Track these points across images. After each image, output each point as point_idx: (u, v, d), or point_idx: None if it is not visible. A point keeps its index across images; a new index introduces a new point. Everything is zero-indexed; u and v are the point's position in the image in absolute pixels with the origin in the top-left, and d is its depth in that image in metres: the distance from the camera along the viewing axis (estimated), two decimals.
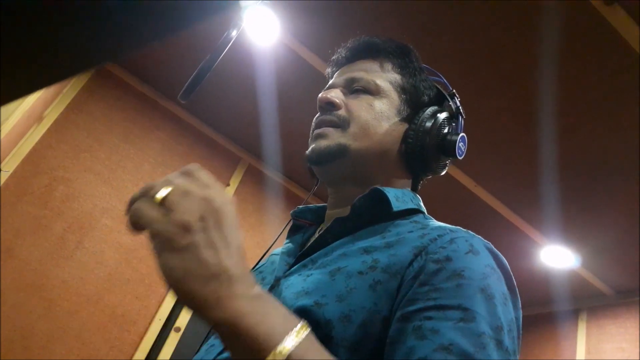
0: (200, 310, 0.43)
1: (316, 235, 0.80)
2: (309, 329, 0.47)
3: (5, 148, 2.21)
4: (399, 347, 0.52)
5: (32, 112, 2.20)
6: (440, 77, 0.87)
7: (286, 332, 0.44)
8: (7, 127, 1.94)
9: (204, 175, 0.48)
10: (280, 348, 0.43)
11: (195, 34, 2.30)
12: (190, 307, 0.44)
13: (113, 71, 2.80)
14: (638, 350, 2.68)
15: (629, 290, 2.93)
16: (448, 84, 0.86)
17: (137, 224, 0.45)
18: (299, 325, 0.46)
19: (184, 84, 0.57)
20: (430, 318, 0.53)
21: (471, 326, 0.52)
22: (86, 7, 0.21)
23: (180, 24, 0.23)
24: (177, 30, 0.23)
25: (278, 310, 0.47)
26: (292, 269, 0.70)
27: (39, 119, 2.51)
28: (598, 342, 2.91)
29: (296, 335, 0.45)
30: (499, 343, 0.53)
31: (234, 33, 0.52)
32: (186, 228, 0.43)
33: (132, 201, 0.46)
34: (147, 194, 0.46)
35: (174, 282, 0.43)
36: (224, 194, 0.48)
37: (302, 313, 0.57)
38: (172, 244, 0.43)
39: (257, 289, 0.46)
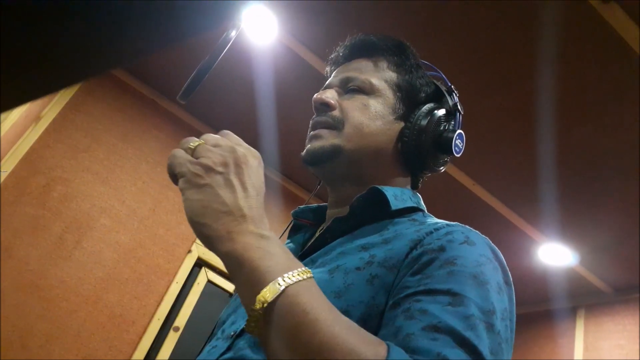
0: (213, 242, 0.48)
1: (317, 235, 0.80)
2: (309, 274, 0.49)
3: (3, 148, 2.21)
4: (387, 329, 0.53)
5: (30, 111, 2.19)
6: (438, 72, 0.86)
7: (285, 271, 0.47)
8: (5, 126, 1.94)
9: (236, 137, 0.56)
10: (276, 282, 0.46)
11: None
12: (204, 239, 0.49)
13: (111, 71, 2.79)
14: (636, 347, 2.69)
15: (627, 288, 2.94)
16: (446, 79, 0.86)
17: (170, 171, 0.52)
18: (300, 269, 0.49)
19: (183, 84, 0.57)
20: (419, 300, 0.53)
21: (460, 309, 0.52)
22: (90, 12, 0.21)
23: (186, 32, 0.23)
24: (182, 38, 0.23)
25: (284, 253, 0.50)
26: None
27: (37, 118, 2.50)
28: (596, 340, 2.92)
29: (294, 275, 0.47)
30: (490, 326, 0.52)
31: (233, 33, 0.52)
32: (209, 169, 0.50)
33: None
34: (183, 145, 0.53)
35: (193, 215, 0.49)
36: (251, 150, 0.55)
37: None
38: (195, 181, 0.50)
39: (268, 232, 0.51)
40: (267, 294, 0.45)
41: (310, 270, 0.50)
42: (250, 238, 0.49)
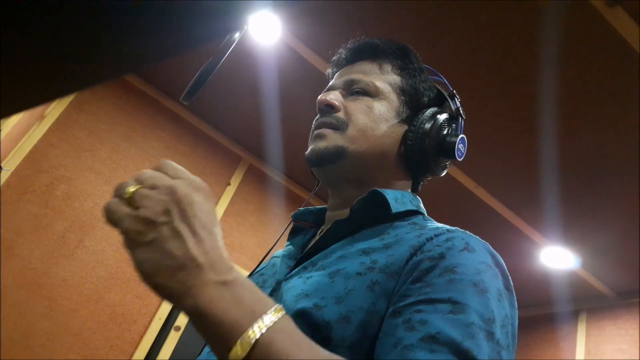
0: (173, 300, 0.45)
1: (317, 237, 0.80)
2: (281, 311, 0.46)
3: (7, 146, 2.22)
4: (388, 339, 0.52)
5: (33, 110, 2.20)
6: (440, 77, 0.87)
7: (254, 319, 0.44)
8: (8, 125, 1.95)
9: (174, 168, 0.49)
10: (246, 335, 0.43)
11: None
12: (164, 298, 0.45)
13: (120, 77, 2.80)
14: (638, 352, 2.68)
15: (629, 292, 2.93)
16: (448, 84, 0.86)
17: (110, 222, 0.46)
18: (271, 309, 0.46)
19: (186, 83, 0.57)
20: (419, 311, 0.53)
21: (460, 317, 0.51)
22: (100, 21, 0.21)
23: (193, 41, 0.23)
24: (188, 48, 0.24)
25: (249, 295, 0.46)
26: (293, 271, 0.70)
27: (41, 117, 2.51)
28: (598, 344, 2.91)
29: (265, 322, 0.44)
30: (490, 334, 0.52)
31: (236, 35, 0.52)
32: (150, 223, 0.45)
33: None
34: (118, 192, 0.47)
35: (145, 275, 0.44)
36: (193, 183, 0.48)
37: (302, 315, 0.57)
38: (140, 239, 0.44)
39: (230, 275, 0.46)
40: (239, 350, 0.42)
41: (281, 306, 0.47)
42: (211, 289, 0.44)
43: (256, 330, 0.43)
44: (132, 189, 0.47)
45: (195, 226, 0.46)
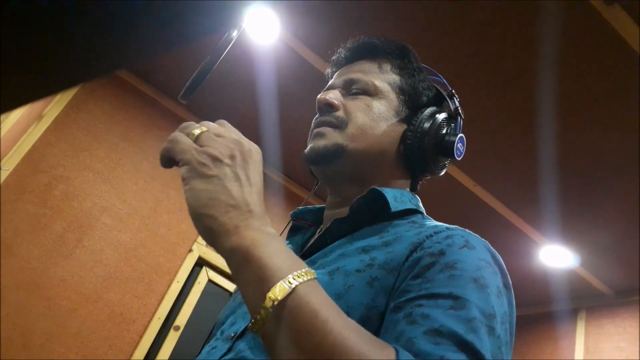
0: (218, 235, 0.47)
1: (316, 236, 0.80)
2: (314, 275, 0.48)
3: (5, 146, 2.22)
4: (389, 334, 0.53)
5: (31, 110, 2.20)
6: (439, 77, 0.87)
7: (293, 269, 0.46)
8: (7, 125, 1.94)
9: (234, 129, 0.54)
10: (286, 280, 0.45)
11: None
12: (208, 232, 0.47)
13: (115, 72, 2.80)
14: (637, 350, 2.69)
15: (627, 290, 2.93)
16: (447, 84, 0.86)
17: (169, 155, 0.49)
18: (306, 269, 0.48)
19: (184, 83, 0.57)
20: (421, 305, 0.53)
21: (462, 312, 0.52)
22: (95, 15, 0.21)
23: (189, 35, 0.23)
24: (185, 42, 0.24)
25: (289, 252, 0.49)
26: None
27: (39, 117, 2.51)
28: (596, 342, 2.91)
29: (301, 275, 0.46)
30: (491, 329, 0.52)
31: (234, 33, 0.52)
32: (217, 160, 0.48)
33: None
34: (184, 130, 0.51)
35: (199, 206, 0.47)
36: (254, 145, 0.53)
37: None
38: (203, 171, 0.48)
39: (273, 230, 0.49)
40: (278, 292, 0.44)
41: (313, 271, 0.48)
42: (258, 234, 0.47)
43: (297, 279, 0.45)
44: (198, 131, 0.50)
45: (252, 178, 0.50)
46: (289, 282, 0.45)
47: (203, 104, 2.83)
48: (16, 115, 1.95)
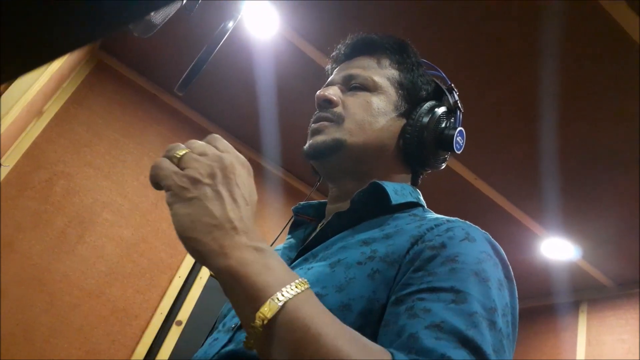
0: (205, 257, 0.46)
1: (317, 230, 0.80)
2: (306, 285, 0.48)
3: (6, 143, 2.21)
4: (391, 328, 0.53)
5: (31, 106, 2.19)
6: (438, 71, 0.87)
7: (283, 285, 0.46)
8: (7, 121, 1.94)
9: (224, 143, 0.53)
10: (275, 297, 0.45)
11: (194, 27, 2.29)
12: (196, 255, 0.47)
13: (112, 65, 2.79)
14: (638, 342, 2.69)
15: (629, 282, 2.93)
16: (447, 78, 0.86)
17: (155, 181, 0.49)
18: (297, 280, 0.47)
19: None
20: (422, 299, 0.53)
21: (463, 306, 0.52)
22: None
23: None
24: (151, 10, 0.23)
25: (280, 265, 0.49)
26: (294, 263, 0.71)
27: (39, 113, 2.51)
28: (598, 334, 2.92)
29: (293, 288, 0.46)
30: (492, 323, 0.53)
31: (230, 24, 0.52)
32: (196, 181, 0.48)
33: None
34: (168, 153, 0.51)
35: (182, 230, 0.47)
36: (239, 158, 0.53)
37: None
38: (183, 195, 0.47)
39: (262, 244, 0.49)
40: (267, 310, 0.44)
41: (306, 281, 0.48)
42: (245, 252, 0.47)
43: (285, 294, 0.45)
44: (182, 152, 0.50)
45: (235, 194, 0.50)
46: (278, 299, 0.44)
47: (203, 99, 2.83)
48: (16, 111, 1.95)
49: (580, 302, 3.12)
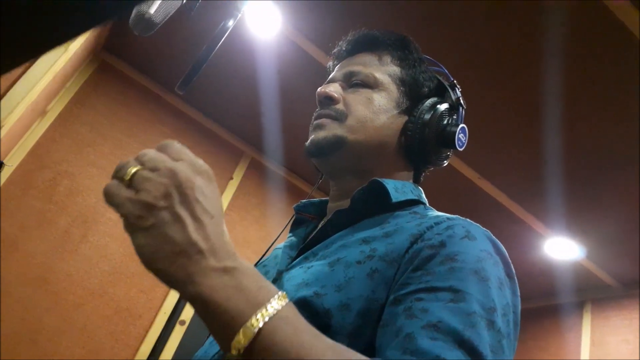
0: (174, 286, 0.43)
1: (318, 228, 0.80)
2: (284, 300, 0.45)
3: (9, 142, 2.22)
4: (389, 328, 0.53)
5: (35, 106, 2.20)
6: (441, 68, 0.86)
7: (257, 308, 0.43)
8: (10, 121, 1.95)
9: (176, 149, 0.47)
10: (249, 324, 0.42)
11: (198, 27, 2.29)
12: (167, 284, 0.44)
13: (116, 65, 2.80)
14: None
15: (633, 282, 2.92)
16: (449, 74, 0.85)
17: (110, 205, 0.45)
18: (275, 296, 0.45)
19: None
20: (420, 299, 0.53)
21: (461, 305, 0.51)
22: None
23: None
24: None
25: (253, 283, 0.45)
26: (294, 262, 0.71)
27: (43, 113, 2.51)
28: (603, 335, 2.91)
29: (268, 309, 0.43)
30: (491, 323, 0.52)
31: (230, 23, 0.51)
32: (150, 207, 0.43)
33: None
34: (118, 174, 0.45)
35: (146, 261, 0.43)
36: (195, 165, 0.47)
37: (302, 304, 0.57)
38: (140, 224, 0.43)
39: (233, 261, 0.45)
40: (242, 338, 0.42)
41: (285, 293, 0.46)
42: (213, 277, 0.43)
43: (259, 319, 0.42)
44: (132, 169, 0.45)
45: (196, 211, 0.44)
46: (252, 325, 0.42)
47: (206, 99, 2.83)
48: (20, 111, 1.96)
49: (584, 302, 3.11)
